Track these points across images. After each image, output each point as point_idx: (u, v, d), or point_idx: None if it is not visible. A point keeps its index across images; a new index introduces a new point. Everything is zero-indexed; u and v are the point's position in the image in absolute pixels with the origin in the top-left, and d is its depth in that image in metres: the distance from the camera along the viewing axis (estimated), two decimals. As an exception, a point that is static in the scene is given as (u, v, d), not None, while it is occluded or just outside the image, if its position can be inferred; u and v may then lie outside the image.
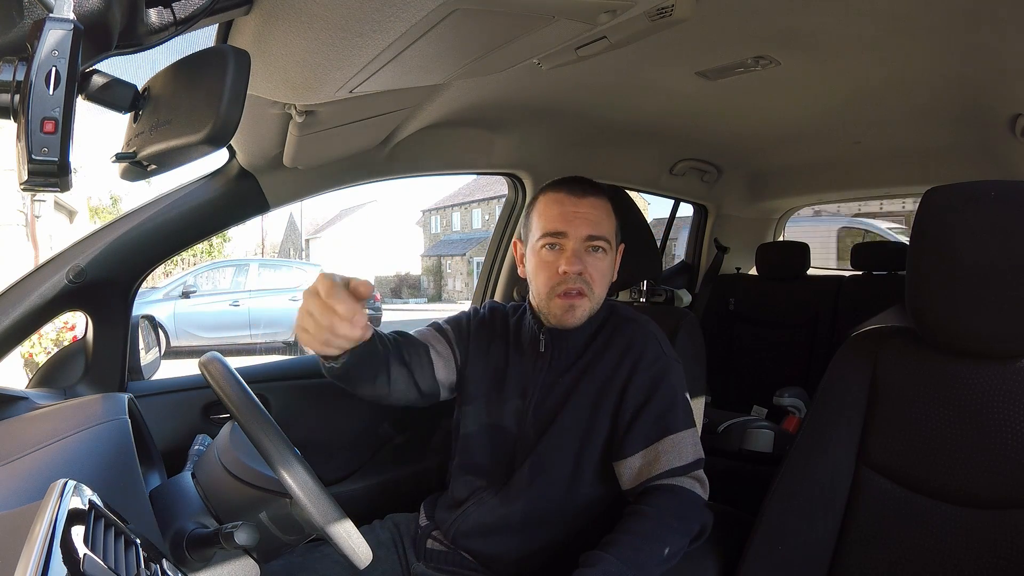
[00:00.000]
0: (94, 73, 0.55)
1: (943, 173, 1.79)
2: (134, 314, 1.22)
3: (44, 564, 0.42)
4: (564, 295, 0.99)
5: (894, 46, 1.14)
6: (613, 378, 1.02)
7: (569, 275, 0.99)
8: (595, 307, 1.03)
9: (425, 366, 1.06)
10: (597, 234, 1.00)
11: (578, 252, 0.99)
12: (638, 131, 1.73)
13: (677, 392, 1.02)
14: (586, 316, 1.02)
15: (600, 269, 1.01)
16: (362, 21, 0.65)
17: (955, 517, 0.87)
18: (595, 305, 1.03)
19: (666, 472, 0.97)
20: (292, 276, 9.69)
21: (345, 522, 0.77)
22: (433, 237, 27.63)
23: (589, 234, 1.00)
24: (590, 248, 1.00)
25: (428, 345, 1.08)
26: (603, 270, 1.02)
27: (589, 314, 1.02)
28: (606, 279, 1.04)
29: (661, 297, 1.55)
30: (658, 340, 1.06)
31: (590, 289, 1.00)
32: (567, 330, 1.04)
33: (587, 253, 1.00)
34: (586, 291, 1.00)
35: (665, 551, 0.89)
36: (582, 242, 1.00)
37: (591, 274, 1.00)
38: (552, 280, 1.00)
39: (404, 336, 1.08)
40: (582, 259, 0.99)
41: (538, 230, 1.03)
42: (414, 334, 1.10)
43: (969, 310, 0.86)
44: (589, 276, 1.00)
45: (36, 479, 0.73)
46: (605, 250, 1.01)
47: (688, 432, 1.00)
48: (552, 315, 1.02)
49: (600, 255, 1.01)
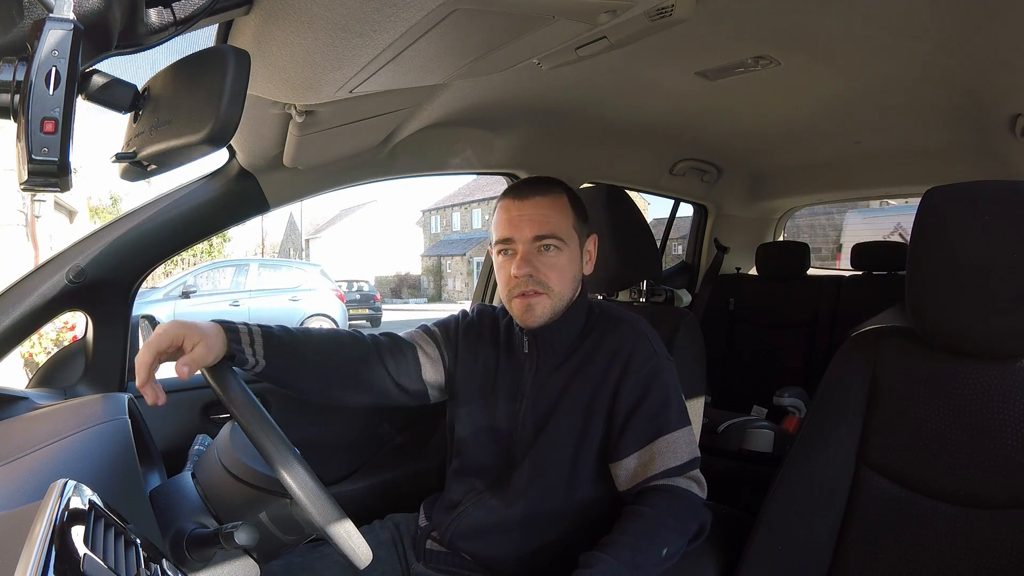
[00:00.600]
0: (94, 73, 0.55)
1: (943, 173, 1.79)
2: (134, 314, 1.22)
3: (44, 564, 0.42)
4: (520, 296, 1.01)
5: (894, 46, 1.13)
6: (605, 379, 1.01)
7: (520, 278, 1.00)
8: (558, 303, 1.02)
9: (411, 367, 1.08)
10: (543, 233, 1.00)
11: (528, 255, 1.00)
12: (638, 131, 1.73)
13: (670, 391, 1.02)
14: (548, 313, 1.01)
15: (555, 266, 1.01)
16: (362, 21, 0.65)
17: (955, 517, 0.87)
18: (557, 301, 1.02)
19: (662, 473, 0.97)
20: (292, 276, 9.71)
21: (345, 522, 0.76)
22: (433, 237, 27.64)
23: (536, 234, 1.00)
24: (541, 248, 1.00)
25: (416, 346, 1.10)
26: (559, 266, 1.01)
27: (551, 311, 1.02)
28: (565, 275, 1.02)
29: (661, 297, 1.55)
30: (649, 339, 1.05)
31: (546, 287, 1.00)
32: (547, 329, 1.04)
33: (539, 253, 1.00)
34: (542, 290, 1.00)
35: (663, 551, 0.89)
36: (530, 243, 1.00)
37: (544, 272, 1.00)
38: (508, 284, 1.02)
39: (390, 337, 1.10)
40: (532, 261, 1.00)
41: (493, 237, 1.06)
42: (403, 335, 1.12)
43: (969, 310, 0.86)
44: (543, 275, 1.00)
45: (36, 479, 0.73)
46: (558, 247, 1.00)
47: (682, 431, 1.00)
48: (515, 316, 1.04)
49: (553, 253, 1.00)
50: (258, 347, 0.94)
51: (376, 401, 1.07)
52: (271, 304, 9.04)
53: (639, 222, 1.37)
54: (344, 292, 10.64)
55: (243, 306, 8.85)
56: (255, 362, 0.94)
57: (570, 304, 1.05)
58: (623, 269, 1.34)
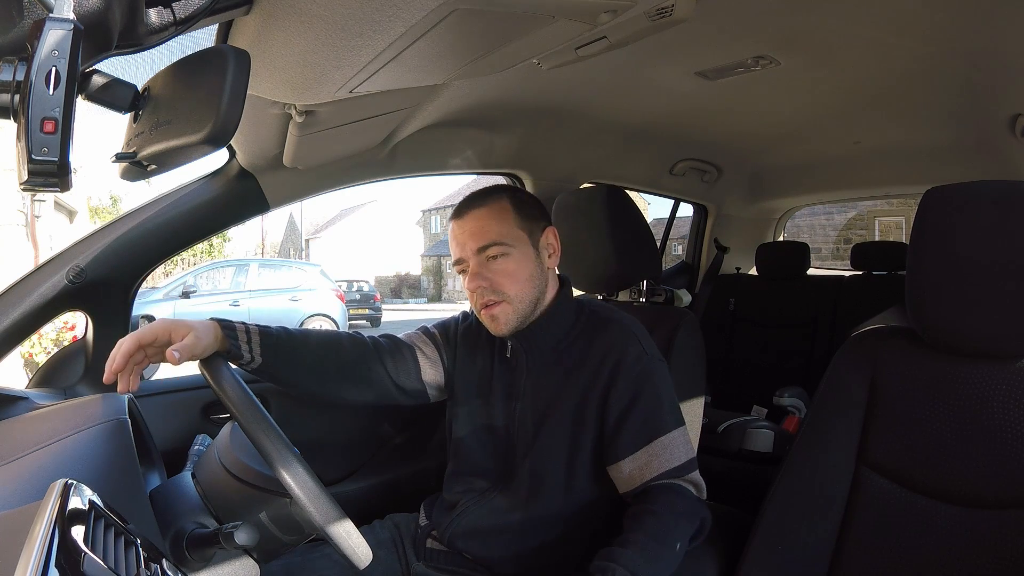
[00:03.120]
0: (94, 73, 0.55)
1: (943, 173, 1.78)
2: (134, 314, 1.22)
3: (44, 564, 0.42)
4: (484, 308, 1.02)
5: (894, 46, 1.13)
6: (595, 382, 1.01)
7: (475, 291, 1.01)
8: (520, 306, 1.02)
9: (410, 367, 1.09)
10: (484, 243, 1.00)
11: (477, 268, 1.01)
12: (638, 131, 1.72)
13: (662, 392, 1.01)
14: (513, 319, 1.02)
15: (505, 271, 1.01)
16: (362, 21, 0.65)
17: (955, 517, 0.87)
18: (519, 305, 1.02)
19: (660, 475, 0.97)
20: (292, 276, 9.70)
21: (345, 522, 0.77)
22: (433, 237, 27.62)
23: (477, 247, 1.01)
24: (487, 258, 1.01)
25: (415, 347, 1.11)
26: (509, 271, 1.01)
27: (517, 315, 1.02)
28: (518, 277, 1.01)
29: (661, 297, 1.55)
30: (639, 340, 1.04)
31: (502, 294, 1.00)
32: (530, 331, 1.04)
33: (488, 264, 1.01)
34: (499, 298, 1.01)
35: (677, 546, 0.90)
36: (476, 256, 1.01)
37: (496, 281, 1.00)
38: (472, 299, 1.04)
39: (389, 338, 1.11)
40: (482, 273, 1.01)
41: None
42: (402, 337, 1.13)
43: (969, 310, 0.86)
44: (496, 284, 1.00)
45: (36, 479, 0.73)
46: (504, 252, 1.01)
47: (677, 432, 0.99)
48: (487, 327, 1.05)
49: (501, 260, 1.01)
50: (255, 343, 0.95)
51: (375, 399, 1.08)
52: (271, 304, 9.04)
53: (639, 222, 1.37)
54: (344, 292, 10.64)
55: (243, 306, 8.85)
56: (251, 358, 0.94)
57: (550, 303, 1.05)
58: (623, 269, 1.34)
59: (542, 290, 1.05)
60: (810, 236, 10.21)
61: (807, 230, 10.71)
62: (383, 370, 1.06)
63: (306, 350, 1.01)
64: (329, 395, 1.05)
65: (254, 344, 0.94)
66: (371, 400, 1.08)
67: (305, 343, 1.01)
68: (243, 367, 0.95)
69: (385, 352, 1.07)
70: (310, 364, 1.01)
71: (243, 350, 0.93)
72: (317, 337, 1.04)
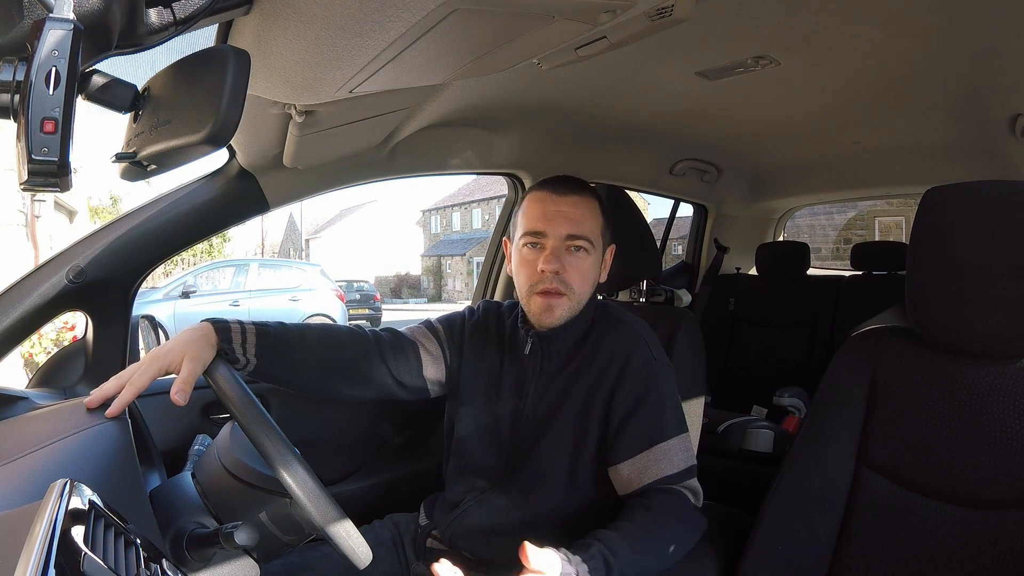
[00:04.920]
0: (94, 73, 0.55)
1: (943, 173, 1.79)
2: (134, 314, 1.21)
3: (44, 564, 0.42)
4: (542, 294, 0.99)
5: (894, 46, 1.13)
6: (601, 382, 1.01)
7: (547, 274, 0.98)
8: (576, 307, 1.01)
9: (412, 363, 1.07)
10: (577, 233, 0.99)
11: (557, 251, 0.99)
12: (638, 131, 1.72)
13: (666, 398, 1.00)
14: (566, 316, 1.01)
15: (580, 269, 1.00)
16: (362, 21, 0.65)
17: (955, 517, 0.87)
18: (576, 305, 1.01)
19: (657, 480, 0.96)
20: (292, 276, 9.70)
21: (345, 522, 0.76)
22: (433, 237, 27.63)
23: (569, 233, 0.99)
24: (571, 247, 0.99)
25: (417, 342, 1.09)
26: (583, 270, 1.00)
27: (569, 314, 1.01)
28: (588, 279, 1.02)
29: (661, 297, 1.55)
30: (647, 344, 1.04)
31: (569, 289, 0.99)
32: (553, 332, 1.03)
33: (567, 252, 0.99)
34: (564, 291, 0.99)
35: (669, 548, 0.90)
36: (562, 241, 0.99)
37: (570, 274, 0.99)
38: (532, 279, 1.00)
39: (391, 333, 1.09)
40: (561, 258, 0.98)
41: (521, 229, 1.03)
42: (404, 331, 1.11)
43: (969, 310, 0.86)
44: (568, 276, 0.99)
45: (36, 479, 0.73)
46: (587, 250, 1.00)
47: (678, 439, 0.99)
48: (532, 314, 1.02)
49: (581, 255, 1.00)
50: (249, 345, 0.93)
51: (374, 396, 1.06)
52: (271, 304, 9.03)
53: (639, 222, 1.37)
54: (344, 292, 10.63)
55: (243, 306, 8.84)
56: (245, 361, 0.93)
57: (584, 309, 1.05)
58: (623, 269, 1.33)
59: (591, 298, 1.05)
60: (810, 236, 10.21)
61: (807, 230, 10.70)
62: (384, 366, 1.04)
63: (304, 348, 0.99)
64: (328, 393, 1.04)
65: (249, 347, 0.93)
66: (370, 396, 1.07)
67: (304, 340, 0.99)
68: (238, 370, 0.93)
69: (387, 347, 1.06)
70: (309, 363, 1.00)
71: (237, 354, 0.92)
72: (316, 333, 1.02)
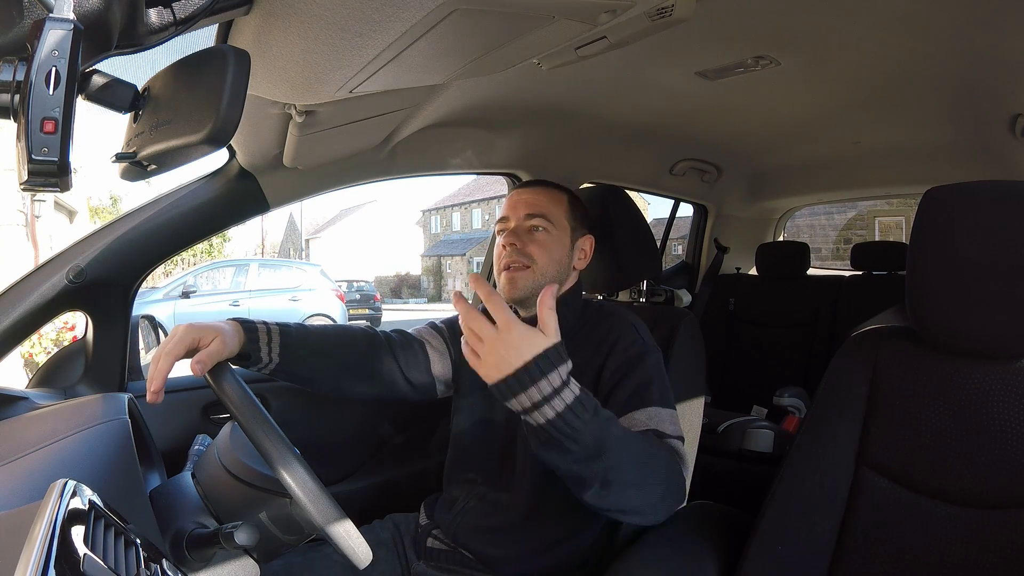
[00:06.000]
0: (94, 73, 0.55)
1: (943, 173, 1.79)
2: (134, 314, 1.22)
3: (44, 564, 0.42)
4: (506, 268, 1.06)
5: (894, 46, 1.13)
6: (588, 369, 1.02)
7: (507, 249, 1.06)
8: (540, 279, 1.05)
9: (420, 361, 1.12)
10: (534, 212, 1.07)
11: (518, 230, 1.07)
12: (638, 131, 1.72)
13: (652, 373, 1.01)
14: (529, 286, 1.05)
15: (541, 243, 1.06)
16: (362, 21, 0.65)
17: (955, 517, 0.87)
18: (539, 277, 1.05)
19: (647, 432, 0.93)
20: (292, 276, 9.70)
21: (345, 522, 0.76)
22: (433, 237, 27.62)
23: (527, 213, 1.07)
24: (531, 227, 1.07)
25: (424, 341, 1.14)
26: (545, 244, 1.06)
27: (533, 284, 1.04)
28: (552, 253, 1.07)
29: (661, 297, 1.55)
30: (635, 327, 1.06)
31: (531, 260, 1.05)
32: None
33: (528, 232, 1.07)
34: (528, 263, 1.05)
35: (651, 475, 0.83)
36: (522, 221, 1.07)
37: (531, 247, 1.05)
38: (499, 258, 1.08)
39: (400, 333, 1.14)
40: (520, 236, 1.06)
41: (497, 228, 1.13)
42: (411, 331, 1.16)
43: (969, 310, 0.86)
44: (528, 250, 1.05)
45: (36, 479, 0.73)
46: (547, 229, 1.07)
47: (667, 410, 0.97)
48: (502, 291, 1.07)
49: (541, 233, 1.07)
50: (274, 344, 0.96)
51: (386, 394, 1.10)
52: (271, 304, 9.03)
53: (639, 222, 1.36)
54: (344, 292, 10.63)
55: (243, 306, 8.84)
56: (268, 360, 0.96)
57: (562, 294, 1.08)
58: (623, 269, 1.34)
59: (562, 279, 1.08)
60: (810, 236, 10.21)
61: (807, 230, 10.70)
62: (395, 364, 1.09)
63: (322, 348, 1.03)
64: (342, 391, 1.07)
65: (274, 346, 0.96)
66: (380, 394, 1.10)
67: (322, 340, 1.03)
68: (258, 370, 0.97)
69: (397, 346, 1.10)
70: (326, 362, 1.04)
71: (262, 353, 0.95)
72: (333, 333, 1.06)
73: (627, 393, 0.98)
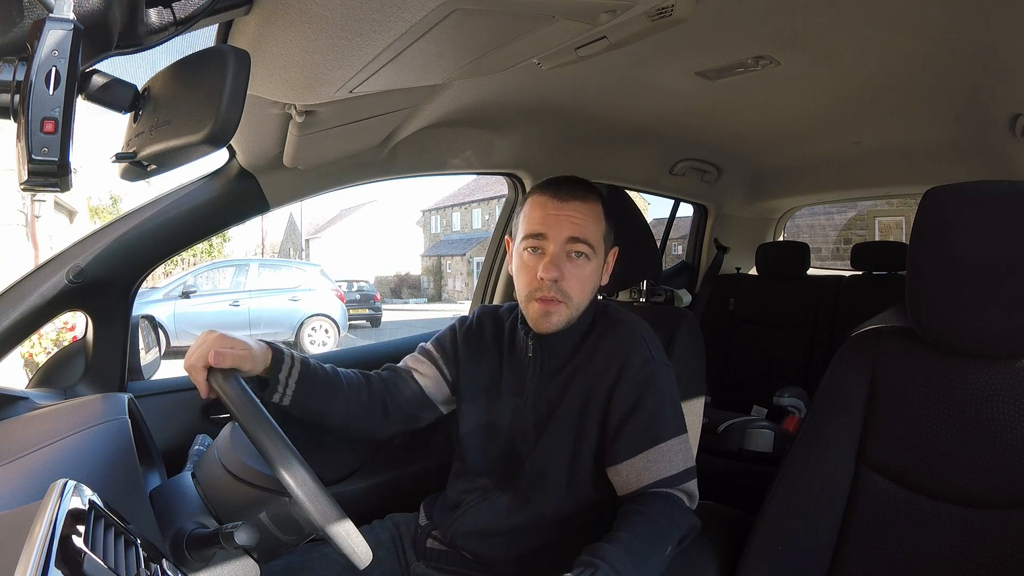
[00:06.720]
0: (94, 73, 0.55)
1: (943, 173, 1.79)
2: (134, 314, 1.21)
3: (44, 564, 0.42)
4: (541, 300, 0.98)
5: (894, 46, 1.13)
6: (600, 382, 1.01)
7: (546, 282, 0.97)
8: (574, 314, 1.01)
9: (414, 390, 1.10)
10: (579, 236, 0.97)
11: (558, 257, 0.97)
12: (638, 131, 1.72)
13: (665, 398, 1.00)
14: (563, 323, 1.00)
15: (580, 276, 0.99)
16: (362, 21, 0.65)
17: (955, 517, 0.87)
18: (574, 312, 1.01)
19: (655, 483, 0.96)
20: (292, 276, 9.71)
21: (345, 522, 0.76)
22: (433, 237, 27.63)
23: (570, 236, 0.97)
24: (572, 253, 0.98)
25: (411, 370, 1.12)
26: (584, 277, 0.99)
27: (567, 321, 1.01)
28: (587, 286, 1.01)
29: (661, 297, 1.54)
30: (646, 344, 1.04)
31: (567, 297, 0.98)
32: (553, 335, 1.03)
33: (568, 259, 0.98)
34: (563, 299, 0.98)
35: (666, 551, 0.89)
36: (562, 245, 0.98)
37: (569, 282, 0.98)
38: (531, 284, 0.99)
39: (388, 369, 1.13)
40: (561, 266, 0.97)
41: (522, 231, 1.02)
42: (399, 365, 1.14)
43: (969, 310, 0.86)
44: (567, 285, 0.98)
45: (36, 479, 0.73)
46: (588, 256, 0.99)
47: (677, 440, 0.98)
48: (530, 318, 1.02)
49: (582, 261, 0.99)
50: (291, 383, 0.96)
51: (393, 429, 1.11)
52: (271, 304, 9.04)
53: (639, 222, 1.37)
54: (344, 292, 10.63)
55: (243, 306, 8.84)
56: (280, 397, 0.96)
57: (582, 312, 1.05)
58: (623, 269, 1.33)
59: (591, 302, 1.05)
60: (810, 236, 10.20)
61: (807, 230, 10.69)
62: (393, 400, 1.08)
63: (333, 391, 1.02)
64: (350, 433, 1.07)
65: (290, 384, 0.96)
66: (388, 430, 1.11)
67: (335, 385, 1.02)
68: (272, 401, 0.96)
69: (390, 383, 1.09)
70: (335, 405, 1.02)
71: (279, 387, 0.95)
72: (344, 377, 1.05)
73: (640, 427, 0.97)
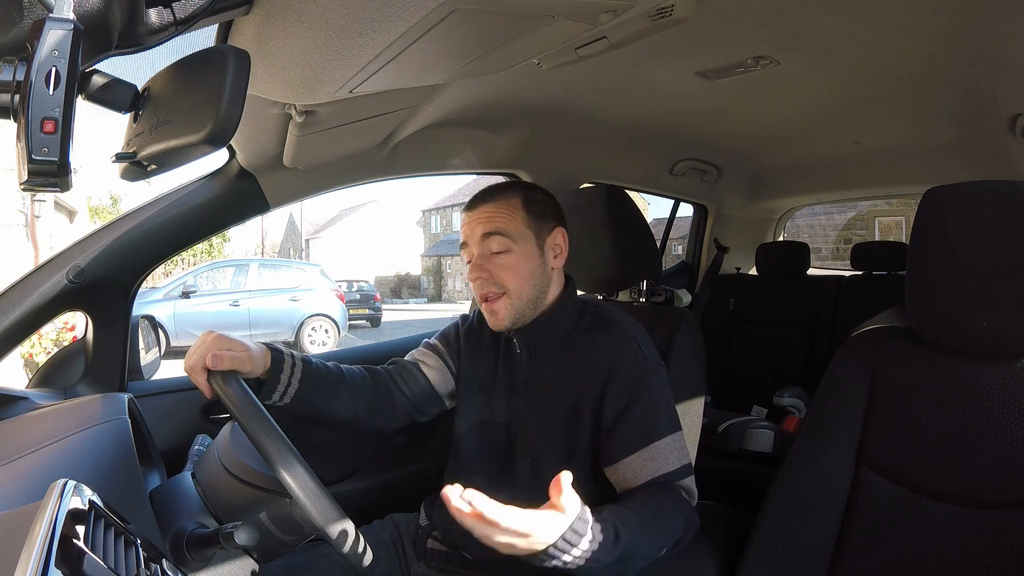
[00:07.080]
0: (94, 73, 0.55)
1: (943, 173, 1.79)
2: (134, 314, 1.22)
3: (44, 564, 0.42)
4: (483, 300, 1.04)
5: (894, 46, 1.13)
6: (592, 381, 1.01)
7: (476, 282, 1.03)
8: (519, 301, 1.02)
9: (421, 383, 1.12)
10: (491, 230, 1.01)
11: (480, 260, 1.03)
12: (638, 131, 1.72)
13: (658, 397, 1.00)
14: (511, 313, 1.02)
15: (507, 265, 1.01)
16: (362, 21, 0.65)
17: (955, 517, 0.87)
18: (517, 300, 1.02)
19: (653, 480, 0.96)
20: (292, 276, 9.70)
21: (345, 522, 0.76)
22: (433, 237, 27.62)
23: (483, 233, 1.02)
24: (491, 248, 1.02)
25: (418, 362, 1.14)
26: (512, 265, 1.01)
27: (515, 310, 1.02)
28: (521, 272, 1.02)
29: (661, 297, 1.54)
30: (638, 343, 1.04)
31: (503, 287, 1.01)
32: (531, 328, 1.05)
33: (490, 257, 1.02)
34: (499, 290, 1.02)
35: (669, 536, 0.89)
36: (480, 245, 1.03)
37: (496, 273, 1.01)
38: (474, 291, 1.05)
39: (394, 363, 1.14)
40: (483, 264, 1.02)
41: None
42: (406, 357, 1.16)
43: (969, 310, 0.86)
44: (496, 276, 1.01)
45: (36, 479, 0.73)
46: (507, 247, 1.01)
47: (672, 438, 0.98)
48: (488, 322, 1.06)
49: (503, 255, 1.01)
50: (293, 382, 0.97)
51: (397, 423, 1.12)
52: (271, 304, 9.03)
53: (639, 222, 1.36)
54: (344, 292, 10.63)
55: (243, 306, 8.84)
56: (279, 397, 0.97)
57: (553, 302, 1.06)
58: (623, 269, 1.34)
59: (543, 289, 1.05)
60: (810, 236, 10.20)
61: (807, 230, 10.70)
62: (400, 393, 1.09)
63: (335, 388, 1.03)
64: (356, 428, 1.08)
65: (292, 384, 0.97)
66: (394, 424, 1.11)
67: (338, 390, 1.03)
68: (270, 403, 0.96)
69: (396, 375, 1.10)
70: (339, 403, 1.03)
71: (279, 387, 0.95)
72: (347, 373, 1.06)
73: (635, 426, 0.97)
